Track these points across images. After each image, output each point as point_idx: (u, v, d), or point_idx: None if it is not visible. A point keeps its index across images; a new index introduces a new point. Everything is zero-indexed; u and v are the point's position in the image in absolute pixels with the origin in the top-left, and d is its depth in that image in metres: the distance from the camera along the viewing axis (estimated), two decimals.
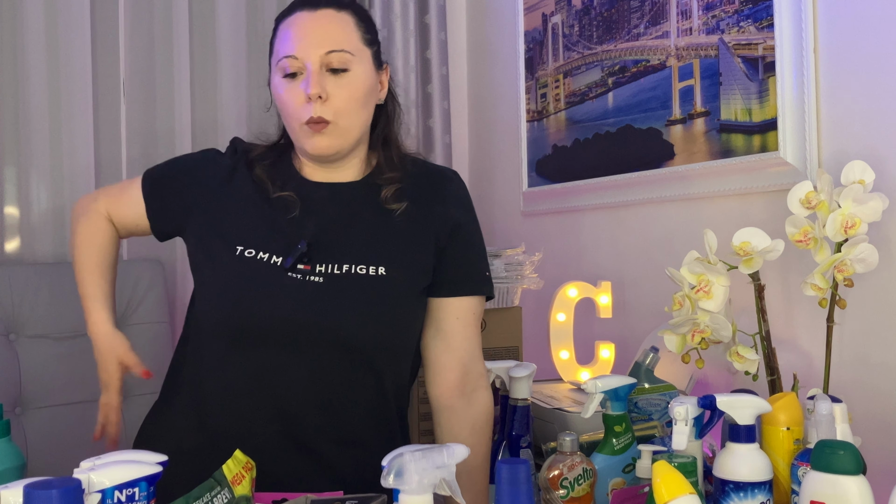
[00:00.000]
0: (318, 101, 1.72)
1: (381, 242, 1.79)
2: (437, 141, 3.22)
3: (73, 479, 1.03)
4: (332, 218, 1.80)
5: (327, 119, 1.73)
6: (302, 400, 1.72)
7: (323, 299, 1.71)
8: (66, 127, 2.67)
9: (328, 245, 1.76)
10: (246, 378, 1.72)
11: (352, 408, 1.76)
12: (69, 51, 2.67)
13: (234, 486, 1.24)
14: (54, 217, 2.64)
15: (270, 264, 1.73)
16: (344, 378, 1.74)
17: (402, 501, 1.08)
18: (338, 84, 1.74)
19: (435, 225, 1.83)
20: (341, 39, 1.75)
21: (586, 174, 2.63)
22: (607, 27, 2.55)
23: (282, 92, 1.76)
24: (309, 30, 1.74)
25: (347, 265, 1.75)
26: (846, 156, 1.80)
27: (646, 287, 2.42)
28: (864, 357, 1.82)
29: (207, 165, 1.89)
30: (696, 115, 2.19)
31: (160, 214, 1.89)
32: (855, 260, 1.66)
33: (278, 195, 1.80)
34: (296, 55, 1.72)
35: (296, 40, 1.73)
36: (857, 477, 1.22)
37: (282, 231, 1.77)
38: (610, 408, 1.64)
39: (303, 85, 1.72)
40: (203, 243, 1.82)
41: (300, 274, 1.72)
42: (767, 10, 1.96)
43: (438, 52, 3.23)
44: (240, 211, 1.81)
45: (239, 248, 1.75)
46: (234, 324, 1.71)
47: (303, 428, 1.73)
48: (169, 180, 1.90)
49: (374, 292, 1.74)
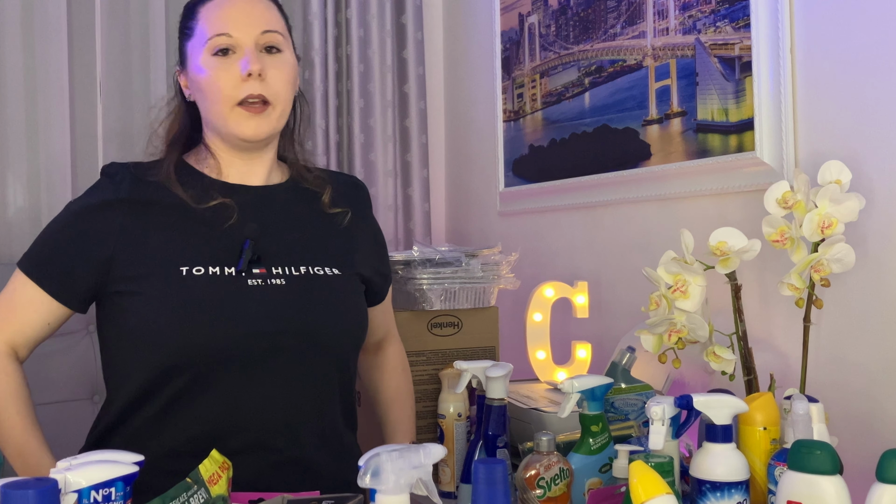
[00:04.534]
0: (258, 80, 1.69)
1: (329, 246, 1.81)
2: (413, 141, 3.21)
3: (49, 478, 1.03)
4: (272, 221, 1.77)
5: (267, 98, 1.70)
6: (282, 408, 1.70)
7: (291, 300, 1.70)
8: (43, 126, 2.66)
9: (277, 248, 1.74)
10: (220, 404, 1.66)
11: (330, 407, 1.76)
12: (45, 50, 2.66)
13: (211, 486, 1.23)
14: (31, 216, 2.63)
15: (225, 276, 1.67)
16: (319, 380, 1.74)
17: (378, 501, 1.07)
18: (273, 64, 1.72)
19: (368, 237, 1.91)
20: (273, 21, 1.75)
21: (563, 174, 2.62)
22: (584, 27, 2.54)
23: (211, 71, 1.69)
24: (241, 10, 1.72)
25: (304, 266, 1.74)
26: (823, 156, 1.81)
27: (622, 287, 2.42)
28: (840, 357, 1.82)
29: (91, 212, 1.71)
30: (672, 115, 2.19)
31: (67, 284, 1.70)
32: (831, 260, 1.66)
33: (209, 205, 1.72)
34: (230, 33, 1.69)
35: (228, 19, 1.70)
36: (833, 477, 1.22)
37: (222, 241, 1.71)
38: (586, 408, 1.64)
39: (242, 62, 1.68)
40: (135, 283, 1.67)
41: (259, 279, 1.69)
42: (744, 9, 1.96)
43: (415, 53, 3.22)
44: (167, 235, 1.70)
45: (184, 269, 1.65)
46: (202, 348, 1.63)
47: (283, 437, 1.70)
48: (56, 252, 1.71)
49: (336, 291, 1.76)
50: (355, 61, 3.12)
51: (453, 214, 3.38)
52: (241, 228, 1.72)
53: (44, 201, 2.63)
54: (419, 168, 3.23)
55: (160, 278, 1.65)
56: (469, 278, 2.24)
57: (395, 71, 3.23)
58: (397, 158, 3.23)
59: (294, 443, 1.71)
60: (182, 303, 1.64)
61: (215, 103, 1.71)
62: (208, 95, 1.71)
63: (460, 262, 2.24)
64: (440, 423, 1.94)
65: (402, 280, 2.24)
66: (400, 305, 2.21)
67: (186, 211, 1.72)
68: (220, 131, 1.76)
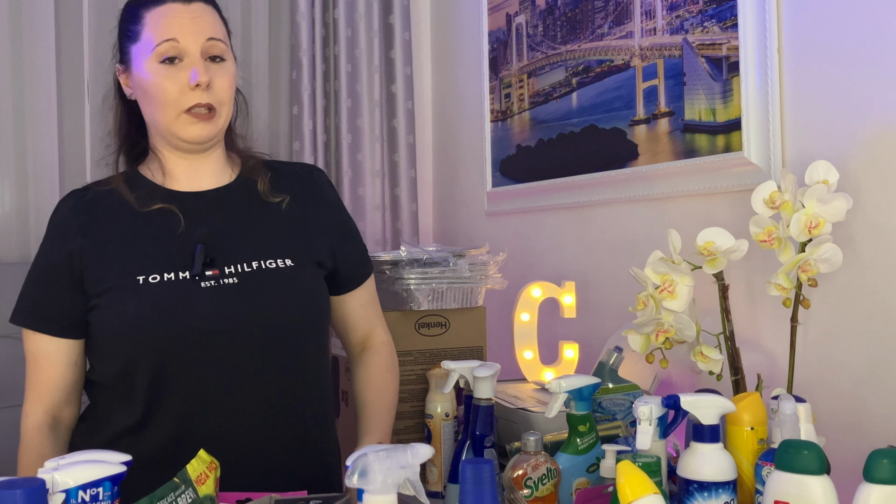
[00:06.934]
0: (204, 89, 1.73)
1: (278, 236, 1.83)
2: (400, 141, 3.21)
3: (37, 478, 1.03)
4: (221, 221, 1.80)
5: (213, 105, 1.75)
6: (248, 408, 1.72)
7: (244, 297, 1.72)
8: (31, 127, 2.66)
9: (227, 247, 1.77)
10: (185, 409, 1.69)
11: (299, 404, 1.79)
12: (33, 51, 2.65)
13: (199, 486, 1.23)
14: (18, 217, 2.63)
15: (180, 281, 1.70)
16: (282, 376, 1.75)
17: (366, 501, 1.07)
18: (217, 72, 1.76)
19: (324, 229, 1.90)
20: (216, 29, 1.78)
21: (550, 174, 2.62)
22: (571, 27, 2.54)
23: (159, 78, 1.72)
24: (186, 18, 1.74)
25: (256, 262, 1.76)
26: (810, 156, 1.81)
27: (610, 287, 2.42)
28: (828, 357, 1.82)
29: (54, 245, 1.77)
30: (659, 115, 2.19)
31: (65, 319, 1.75)
32: (819, 260, 1.66)
33: (155, 209, 1.76)
34: (177, 39, 1.71)
35: (175, 26, 1.72)
36: (821, 477, 1.22)
37: (174, 247, 1.74)
38: (574, 407, 1.64)
39: (192, 73, 1.71)
40: (101, 298, 1.72)
41: (212, 280, 1.72)
42: (731, 10, 1.96)
43: (402, 53, 3.22)
44: (122, 246, 1.75)
45: (141, 279, 1.70)
46: (165, 350, 1.67)
47: (250, 432, 1.72)
48: (41, 294, 1.77)
49: (290, 282, 1.78)
50: (343, 61, 3.12)
51: (441, 214, 3.38)
52: (191, 234, 1.75)
53: (32, 203, 2.63)
54: (407, 168, 3.22)
55: (120, 290, 1.70)
56: (456, 278, 2.24)
57: (383, 71, 3.23)
58: (385, 158, 3.23)
59: (263, 442, 1.73)
60: (138, 310, 1.68)
61: (162, 108, 1.75)
62: (155, 100, 1.75)
63: (448, 262, 2.24)
64: (428, 423, 1.94)
65: (390, 280, 2.24)
66: (387, 305, 2.20)
67: (139, 219, 1.76)
68: (165, 134, 1.80)
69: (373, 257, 2.20)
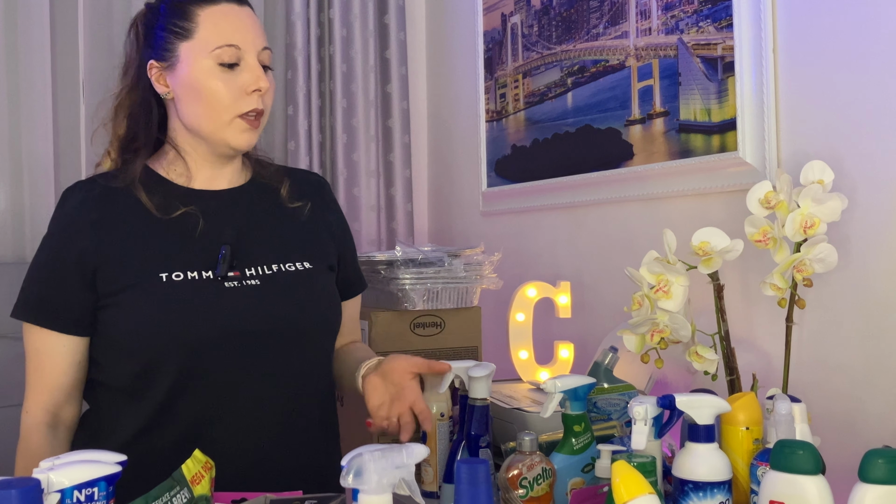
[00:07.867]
0: (259, 95, 1.73)
1: (295, 240, 1.84)
2: (396, 141, 3.21)
3: (32, 478, 1.03)
4: (241, 223, 1.79)
5: (263, 113, 1.76)
6: (262, 408, 1.72)
7: (268, 298, 1.72)
8: (26, 126, 2.66)
9: (248, 249, 1.76)
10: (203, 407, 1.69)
11: (310, 405, 1.80)
12: (28, 50, 2.65)
13: (194, 486, 1.23)
14: (13, 216, 2.63)
15: (204, 280, 1.69)
16: (296, 377, 1.76)
17: (361, 501, 1.07)
18: (268, 80, 1.76)
19: (332, 232, 1.92)
20: (265, 38, 1.78)
21: (545, 174, 2.63)
22: (566, 27, 2.54)
23: (215, 81, 1.70)
24: (245, 23, 1.73)
25: (276, 265, 1.77)
26: (805, 156, 1.81)
27: (605, 287, 2.42)
28: (823, 357, 1.82)
29: (65, 239, 1.72)
30: (655, 115, 2.19)
31: (70, 315, 1.71)
32: (814, 260, 1.66)
33: (173, 216, 1.74)
34: (239, 46, 1.70)
35: (235, 31, 1.71)
36: (816, 477, 1.22)
37: (196, 247, 1.73)
38: (569, 407, 1.63)
39: (255, 78, 1.71)
40: (118, 296, 1.68)
41: (235, 281, 1.71)
42: (727, 10, 1.96)
43: (398, 53, 3.23)
44: (140, 244, 1.71)
45: (164, 276, 1.67)
46: (193, 349, 1.65)
47: (265, 431, 1.72)
48: (46, 288, 1.72)
49: (309, 284, 1.79)
50: (338, 61, 3.12)
51: (436, 214, 3.38)
52: (216, 233, 1.74)
53: (27, 202, 2.63)
54: (402, 168, 3.23)
55: (142, 287, 1.67)
56: (452, 278, 2.24)
57: (378, 71, 3.23)
58: (380, 158, 3.23)
59: (276, 441, 1.73)
60: (164, 305, 1.66)
61: (213, 111, 1.72)
62: (207, 103, 1.71)
63: (443, 262, 2.24)
64: None
65: (385, 280, 2.24)
66: (382, 305, 2.20)
67: (160, 220, 1.73)
68: (206, 137, 1.76)
69: (368, 257, 2.20)
